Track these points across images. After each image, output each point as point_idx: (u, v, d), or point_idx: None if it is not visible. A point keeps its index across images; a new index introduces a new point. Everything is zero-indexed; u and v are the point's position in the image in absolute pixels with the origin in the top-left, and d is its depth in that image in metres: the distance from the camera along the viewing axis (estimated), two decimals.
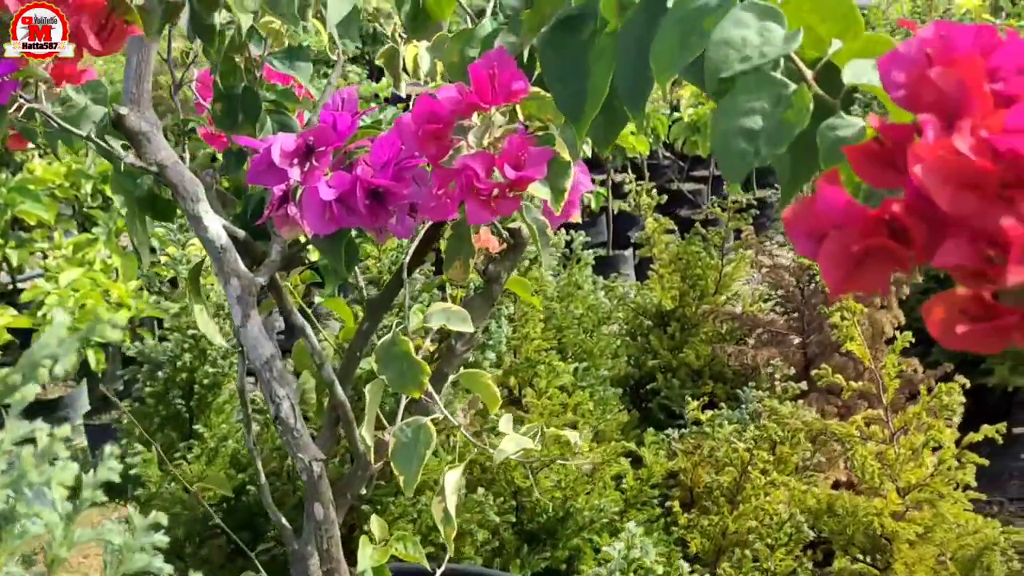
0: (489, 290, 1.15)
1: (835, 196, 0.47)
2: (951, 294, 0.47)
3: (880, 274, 0.48)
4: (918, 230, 0.46)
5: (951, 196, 0.44)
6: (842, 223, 0.47)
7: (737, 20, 0.64)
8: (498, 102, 0.86)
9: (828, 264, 0.47)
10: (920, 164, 0.44)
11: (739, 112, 0.61)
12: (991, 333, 0.47)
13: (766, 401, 1.58)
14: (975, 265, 0.45)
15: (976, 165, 0.44)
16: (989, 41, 0.49)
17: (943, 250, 0.45)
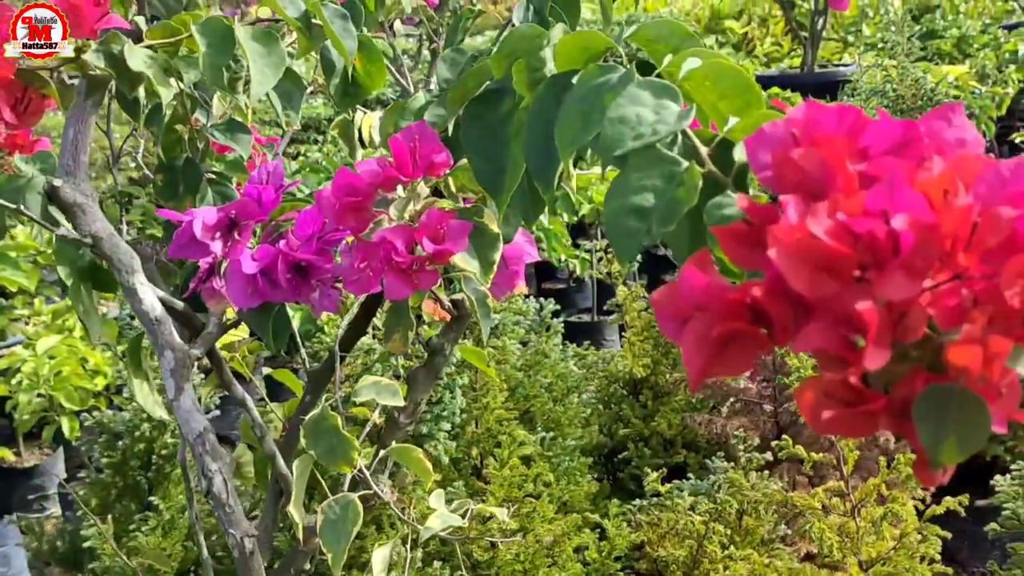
0: (432, 362, 1.14)
1: (696, 278, 0.46)
2: (820, 378, 0.45)
3: (743, 358, 0.47)
4: (778, 313, 0.45)
5: (808, 279, 0.43)
6: (704, 306, 0.46)
7: (633, 97, 0.63)
8: (418, 175, 0.85)
9: (689, 348, 0.46)
10: (776, 246, 0.43)
11: (631, 189, 0.60)
12: (858, 418, 0.45)
13: (730, 472, 1.56)
14: (835, 350, 0.44)
15: (830, 248, 0.43)
16: (856, 121, 0.48)
17: (803, 334, 0.44)
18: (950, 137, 0.50)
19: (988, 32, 5.08)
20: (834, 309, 0.44)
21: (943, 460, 0.43)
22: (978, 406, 0.43)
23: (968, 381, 0.43)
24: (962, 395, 0.43)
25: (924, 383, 0.44)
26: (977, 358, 0.42)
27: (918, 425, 0.43)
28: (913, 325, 0.43)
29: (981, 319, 0.43)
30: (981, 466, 2.24)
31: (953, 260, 0.44)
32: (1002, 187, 0.46)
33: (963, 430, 0.43)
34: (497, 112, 0.82)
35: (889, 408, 0.45)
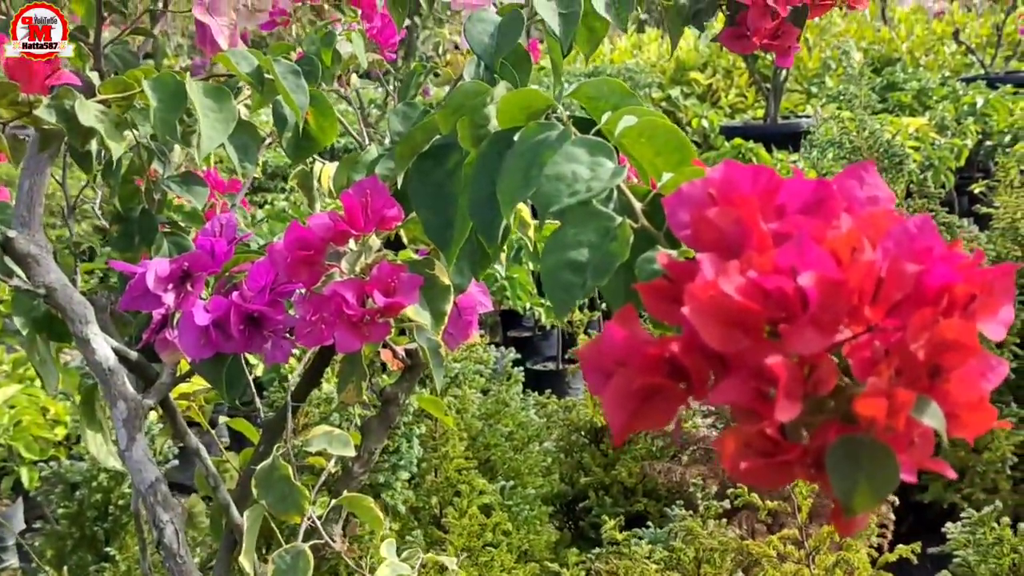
0: (386, 412, 1.15)
1: (618, 333, 0.48)
2: (739, 429, 0.47)
3: (664, 412, 0.48)
4: (696, 367, 0.47)
5: (720, 335, 0.45)
6: (624, 360, 0.48)
7: (569, 155, 0.65)
8: (370, 229, 0.87)
9: (610, 403, 0.47)
10: (691, 303, 0.45)
11: (567, 245, 0.62)
12: (775, 468, 0.47)
13: (687, 520, 1.57)
14: (748, 403, 0.46)
15: (741, 305, 0.45)
16: (770, 181, 0.50)
17: (717, 389, 0.46)
18: (862, 195, 0.52)
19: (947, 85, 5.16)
20: (747, 363, 0.45)
21: (856, 508, 0.45)
22: (887, 455, 0.44)
23: (876, 432, 0.44)
24: (872, 445, 0.45)
25: (837, 433, 0.46)
26: (883, 409, 0.43)
27: (831, 475, 0.45)
28: (823, 377, 0.45)
29: (887, 371, 0.44)
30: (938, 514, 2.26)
31: (860, 314, 0.46)
32: (909, 243, 0.48)
33: (874, 479, 0.44)
34: (444, 167, 0.84)
35: (805, 458, 0.47)
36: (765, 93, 4.68)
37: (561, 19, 1.06)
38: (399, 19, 1.26)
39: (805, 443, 0.47)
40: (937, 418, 0.45)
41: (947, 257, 0.47)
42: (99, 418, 1.17)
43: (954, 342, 0.45)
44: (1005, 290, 0.49)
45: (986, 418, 0.48)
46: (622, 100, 0.75)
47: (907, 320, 0.46)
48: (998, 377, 0.49)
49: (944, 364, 0.46)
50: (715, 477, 1.95)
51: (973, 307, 0.46)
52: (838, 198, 0.51)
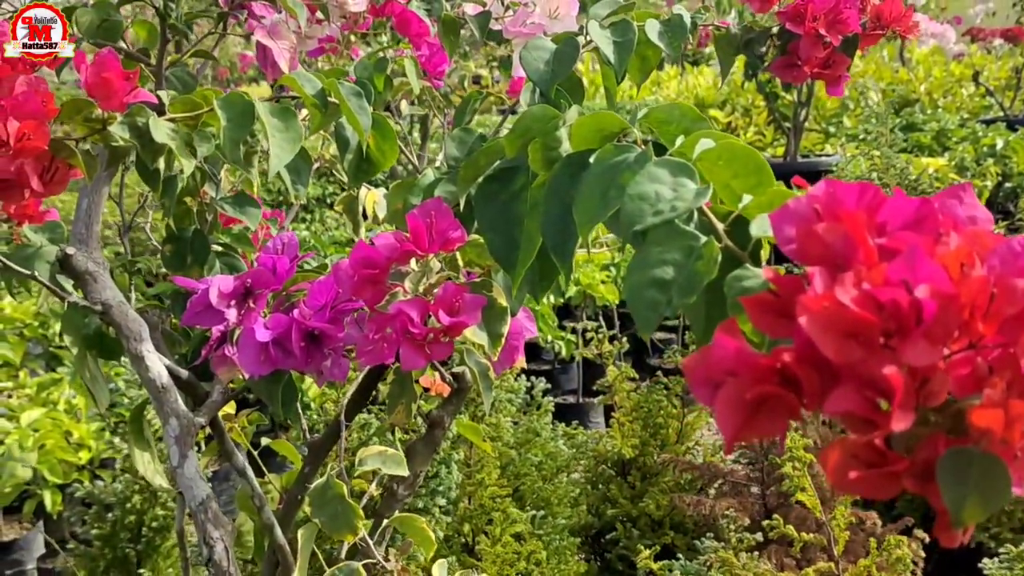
0: (431, 435, 1.15)
1: (728, 344, 0.48)
2: (846, 440, 0.47)
3: (775, 421, 0.48)
4: (808, 378, 0.47)
5: (836, 345, 0.45)
6: (735, 371, 0.48)
7: (652, 176, 0.66)
8: (434, 250, 0.87)
9: (723, 412, 0.48)
10: (806, 314, 0.46)
11: (652, 263, 0.62)
12: (882, 479, 0.47)
13: (720, 552, 1.57)
14: (863, 412, 0.46)
15: (857, 315, 0.45)
16: (874, 198, 0.51)
17: (832, 398, 0.46)
18: (962, 214, 0.52)
19: (966, 126, 5.18)
20: (860, 374, 0.46)
21: (966, 519, 0.45)
22: (999, 467, 0.45)
23: (989, 443, 0.45)
24: (983, 457, 0.45)
25: (946, 446, 0.46)
26: (999, 421, 0.44)
27: (942, 485, 0.45)
28: (936, 389, 0.46)
29: (1001, 384, 0.45)
30: (966, 552, 2.25)
31: (972, 328, 0.46)
32: (1014, 261, 0.49)
33: (985, 490, 0.45)
34: (510, 189, 0.84)
35: (912, 470, 0.47)
36: (784, 131, 4.70)
37: (616, 47, 1.07)
38: (451, 47, 1.27)
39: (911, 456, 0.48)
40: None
41: None
42: (147, 436, 1.17)
43: None
44: None
45: None
46: (693, 124, 0.76)
47: (1016, 336, 0.46)
48: None
49: None
50: (744, 510, 1.95)
51: None
52: (939, 216, 0.51)
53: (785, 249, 0.51)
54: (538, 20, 1.28)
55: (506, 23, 1.28)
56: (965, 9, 7.17)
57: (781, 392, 0.47)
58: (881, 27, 1.19)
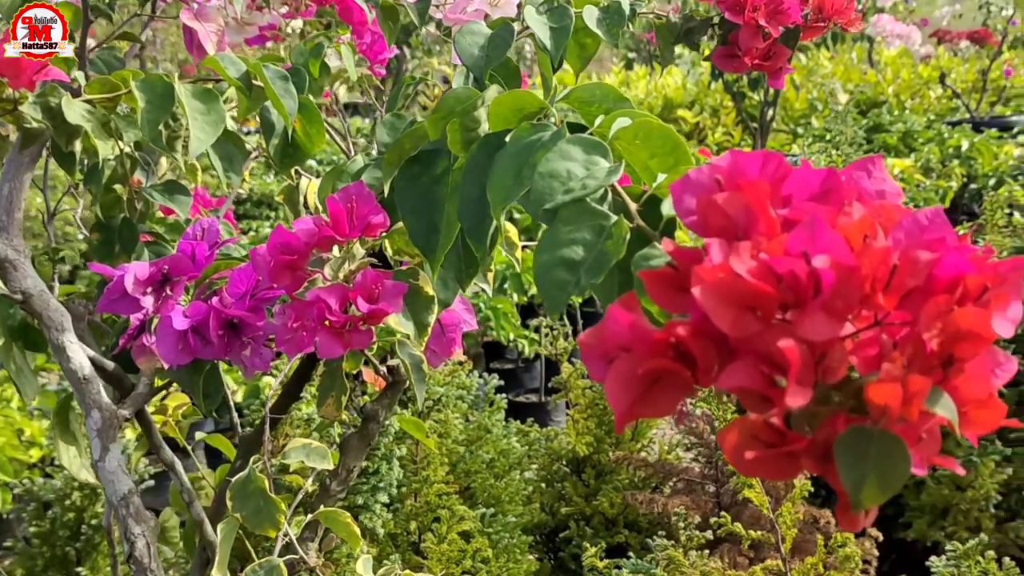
0: (366, 429, 1.13)
1: (623, 318, 0.46)
2: (745, 420, 0.45)
3: (669, 398, 0.46)
4: (702, 352, 0.45)
5: (731, 318, 0.43)
6: (629, 346, 0.46)
7: (564, 153, 0.64)
8: (354, 235, 0.85)
9: (614, 388, 0.45)
10: (700, 286, 0.43)
11: (561, 243, 0.60)
12: (781, 459, 0.45)
13: (669, 551, 1.55)
14: (758, 388, 0.44)
15: (753, 287, 0.43)
16: (779, 168, 0.49)
17: (726, 373, 0.44)
18: (870, 187, 0.50)
19: (932, 128, 5.19)
20: (757, 348, 0.44)
21: (864, 501, 0.43)
22: (898, 446, 0.43)
23: (888, 421, 0.43)
24: (882, 436, 0.43)
25: (845, 424, 0.44)
26: (897, 396, 0.42)
27: (839, 465, 0.43)
28: (834, 365, 0.43)
29: (900, 359, 0.43)
30: (924, 550, 2.24)
31: (873, 301, 0.44)
32: (920, 234, 0.47)
33: (884, 470, 0.43)
34: (432, 172, 0.82)
35: (811, 449, 0.45)
36: (752, 132, 4.70)
37: (552, 33, 1.05)
38: (390, 34, 1.25)
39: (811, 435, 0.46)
40: (949, 409, 0.44)
41: (959, 248, 0.46)
42: (73, 430, 1.14)
43: (968, 331, 0.43)
44: (1016, 285, 0.48)
45: (995, 415, 0.46)
46: (615, 104, 0.74)
47: (919, 310, 0.44)
48: (1007, 374, 0.47)
49: (957, 354, 0.44)
50: (697, 508, 1.93)
51: (986, 298, 0.45)
52: (846, 188, 0.49)
53: (686, 221, 0.49)
54: (479, 6, 1.26)
55: (446, 10, 1.26)
56: (934, 11, 7.20)
57: (674, 367, 0.45)
58: (823, 19, 1.17)
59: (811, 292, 0.43)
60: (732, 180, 0.48)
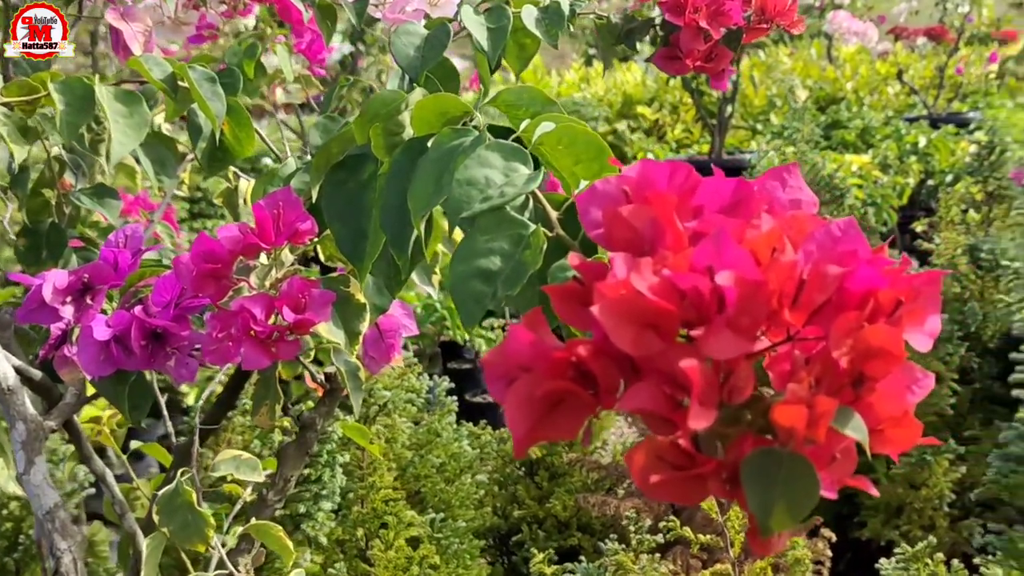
0: (303, 437, 1.10)
1: (523, 337, 0.44)
2: (652, 441, 0.44)
3: (571, 421, 0.45)
4: (604, 373, 0.43)
5: (632, 337, 0.42)
6: (529, 365, 0.44)
7: (482, 160, 0.62)
8: (280, 242, 0.82)
9: (513, 410, 0.44)
10: (600, 303, 0.42)
11: (478, 253, 0.58)
12: (688, 483, 0.43)
13: (619, 555, 1.53)
14: (661, 410, 0.42)
15: (654, 304, 0.41)
16: (688, 179, 0.47)
17: (626, 395, 0.42)
18: (784, 197, 0.49)
19: (891, 124, 5.21)
20: (660, 368, 0.42)
21: (774, 525, 0.41)
22: (806, 469, 0.41)
23: (795, 444, 0.41)
24: (790, 458, 0.41)
25: (753, 446, 0.42)
26: (802, 419, 0.40)
27: (746, 490, 0.41)
28: (740, 384, 0.42)
29: (807, 379, 0.41)
30: (875, 550, 2.24)
31: (780, 318, 0.42)
32: (832, 246, 0.45)
33: (792, 494, 0.41)
34: (358, 178, 0.80)
35: (719, 472, 0.43)
36: (711, 128, 4.69)
37: (489, 34, 1.03)
38: (327, 33, 1.22)
39: (720, 457, 0.44)
40: (860, 430, 0.42)
41: (872, 261, 0.44)
42: (2, 442, 1.11)
43: (879, 349, 0.42)
44: (932, 298, 0.46)
45: (911, 433, 0.45)
46: (543, 108, 0.72)
47: (829, 327, 0.42)
48: (924, 390, 0.46)
49: (868, 373, 0.42)
50: (650, 511, 1.92)
51: (899, 314, 0.43)
52: (759, 199, 0.48)
53: (592, 235, 0.48)
54: (418, 6, 1.24)
55: (385, 10, 1.23)
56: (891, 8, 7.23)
57: (575, 389, 0.43)
58: (765, 20, 1.15)
59: (715, 309, 0.42)
60: (640, 192, 0.47)
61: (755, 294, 0.41)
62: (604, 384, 0.43)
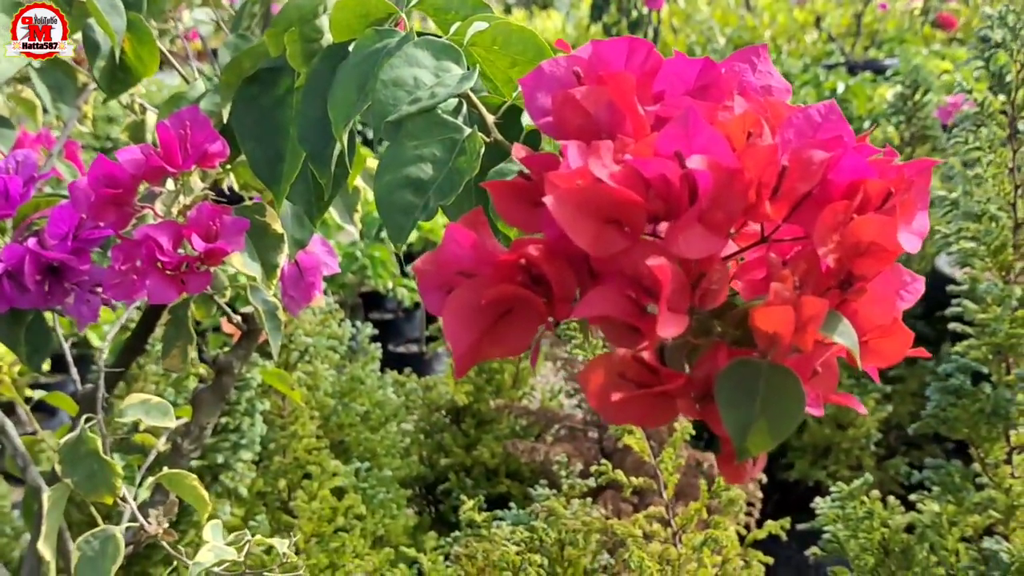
0: (219, 383, 1.04)
1: (463, 238, 0.39)
2: (611, 356, 0.38)
3: (519, 333, 0.39)
4: (558, 275, 0.38)
5: (591, 233, 0.36)
6: (472, 270, 0.39)
7: (411, 59, 0.56)
8: (188, 166, 0.76)
9: (453, 322, 0.38)
10: (554, 194, 0.36)
11: (407, 160, 0.52)
12: (652, 402, 0.38)
13: (549, 500, 1.49)
14: (625, 317, 0.37)
15: (616, 194, 0.36)
16: (648, 59, 0.42)
17: (586, 300, 0.37)
18: (755, 81, 0.43)
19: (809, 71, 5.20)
20: (622, 269, 0.37)
21: (751, 447, 0.36)
22: (791, 381, 0.36)
23: (778, 353, 0.36)
24: (772, 370, 0.36)
25: (729, 358, 0.37)
26: (788, 322, 0.35)
27: (721, 407, 0.36)
28: (714, 287, 0.37)
29: (791, 279, 0.36)
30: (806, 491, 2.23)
31: (759, 211, 0.37)
32: (813, 132, 0.40)
33: (774, 410, 0.36)
34: (273, 93, 0.74)
35: (689, 389, 0.38)
36: None
37: None
38: None
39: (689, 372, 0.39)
40: (850, 337, 0.37)
41: (859, 148, 0.39)
42: None
43: (870, 244, 0.37)
44: (923, 191, 0.41)
45: (901, 343, 0.40)
46: (474, 10, 0.66)
47: (813, 221, 0.37)
48: (914, 295, 0.41)
49: (857, 272, 0.37)
50: (580, 456, 1.88)
51: (890, 205, 0.38)
52: (727, 83, 0.42)
53: (540, 123, 0.42)
54: None
55: None
56: None
57: (525, 295, 0.38)
58: None
59: (686, 200, 0.36)
60: (594, 73, 0.41)
61: (731, 183, 0.36)
62: (558, 290, 0.37)
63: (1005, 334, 1.28)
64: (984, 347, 1.31)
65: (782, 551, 1.78)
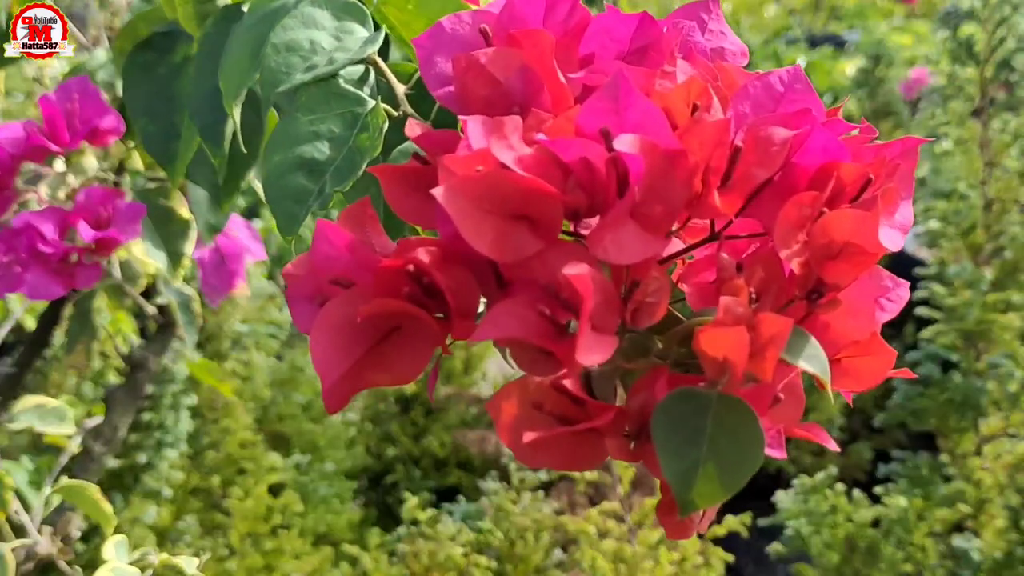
0: (134, 379, 0.96)
1: (338, 239, 0.31)
2: (525, 383, 0.31)
3: (408, 358, 0.31)
4: (455, 287, 0.30)
5: (493, 232, 0.28)
6: (348, 277, 0.31)
7: (307, 19, 0.48)
8: (76, 144, 0.67)
9: (322, 342, 0.30)
10: (447, 184, 0.28)
11: (300, 137, 0.44)
12: (575, 442, 0.30)
13: (498, 495, 1.42)
14: (537, 340, 0.29)
15: (525, 184, 0.28)
16: (572, 15, 0.34)
17: (488, 318, 0.29)
18: (704, 43, 0.36)
19: (769, 46, 5.14)
20: (535, 278, 0.29)
21: (696, 500, 0.28)
22: (745, 417, 0.28)
23: (730, 382, 0.29)
24: (722, 403, 0.29)
25: (670, 386, 0.29)
26: (741, 346, 0.27)
27: (659, 450, 0.28)
28: (649, 299, 0.29)
29: (746, 289, 0.29)
30: (767, 479, 2.17)
31: (706, 203, 0.30)
32: (774, 106, 0.32)
33: (724, 454, 0.28)
34: (170, 61, 0.65)
35: (621, 424, 0.31)
36: None
37: None
38: None
39: (622, 404, 0.32)
40: (818, 361, 0.29)
41: (830, 124, 0.32)
42: None
43: (845, 245, 0.30)
44: (907, 177, 0.34)
45: (880, 363, 0.33)
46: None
47: (774, 216, 0.30)
48: (897, 304, 0.34)
49: (829, 280, 0.30)
50: None
51: (870, 196, 0.31)
52: (670, 44, 0.34)
53: (439, 94, 0.34)
54: None
55: None
56: None
57: (412, 311, 0.30)
58: None
59: (614, 191, 0.29)
60: (504, 31, 0.33)
61: (670, 169, 0.28)
62: (455, 303, 0.30)
63: (975, 319, 1.22)
64: (953, 333, 1.25)
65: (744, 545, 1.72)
